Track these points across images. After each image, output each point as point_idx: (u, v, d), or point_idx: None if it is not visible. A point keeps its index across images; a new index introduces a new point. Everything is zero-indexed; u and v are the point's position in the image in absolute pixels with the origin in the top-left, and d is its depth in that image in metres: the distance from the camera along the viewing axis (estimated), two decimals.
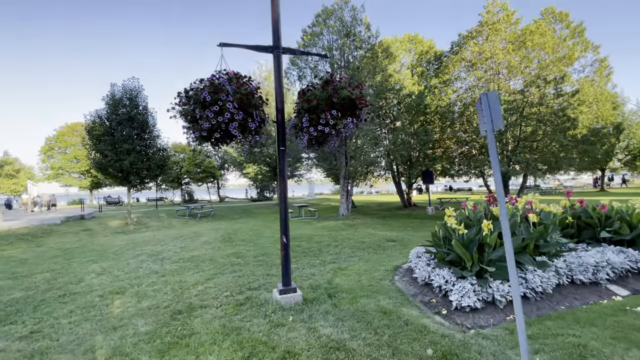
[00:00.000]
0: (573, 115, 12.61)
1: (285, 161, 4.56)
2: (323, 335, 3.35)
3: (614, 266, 4.57)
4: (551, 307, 3.91)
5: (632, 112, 30.03)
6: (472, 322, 3.65)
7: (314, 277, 5.71)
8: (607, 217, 5.49)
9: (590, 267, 4.47)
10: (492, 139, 2.59)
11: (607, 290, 4.37)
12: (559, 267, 4.38)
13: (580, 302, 4.07)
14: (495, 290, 3.90)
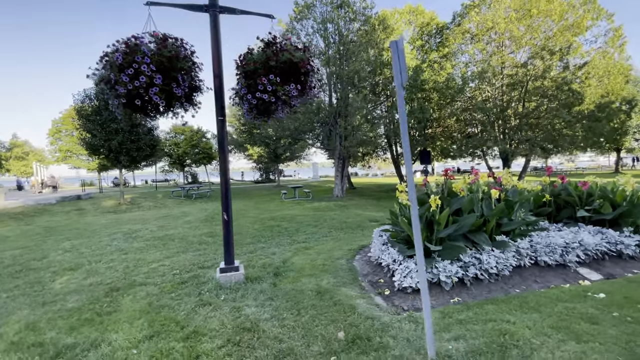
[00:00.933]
0: (579, 90, 11.70)
1: (225, 132, 4.24)
2: (242, 316, 3.13)
3: (587, 248, 4.16)
4: (504, 290, 3.57)
5: None
6: (411, 304, 3.36)
7: (273, 256, 5.50)
8: (589, 195, 5.01)
9: (558, 248, 4.07)
10: (401, 96, 2.20)
11: (576, 273, 3.98)
12: (521, 247, 4.00)
13: (541, 285, 3.71)
14: (442, 271, 3.57)
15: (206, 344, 2.61)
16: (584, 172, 33.26)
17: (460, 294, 3.51)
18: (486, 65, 13.04)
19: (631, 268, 4.11)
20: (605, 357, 2.07)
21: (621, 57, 13.53)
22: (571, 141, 12.12)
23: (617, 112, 12.11)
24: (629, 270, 4.04)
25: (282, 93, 3.90)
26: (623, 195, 4.64)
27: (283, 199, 16.64)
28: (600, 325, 2.49)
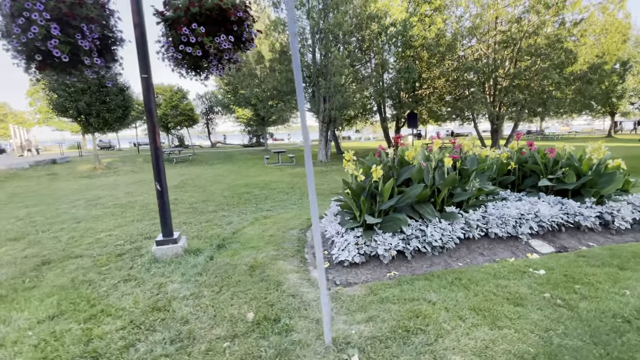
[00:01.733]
0: (573, 48, 10.98)
1: (152, 93, 3.78)
2: (161, 293, 2.95)
3: (542, 219, 3.97)
4: (446, 264, 3.41)
5: None
6: (345, 278, 3.20)
7: (228, 226, 5.30)
8: (555, 163, 4.73)
9: (511, 220, 3.88)
10: (295, 42, 1.79)
11: (527, 246, 3.82)
12: (471, 219, 3.80)
13: (486, 258, 3.55)
14: (381, 244, 3.38)
15: (106, 326, 2.44)
16: (575, 136, 32.96)
17: (399, 268, 3.35)
18: (479, 20, 12.09)
19: (588, 240, 3.96)
20: (514, 347, 1.91)
21: (619, 14, 12.59)
22: (558, 104, 11.63)
23: (609, 74, 11.50)
24: (584, 243, 3.89)
25: (210, 46, 3.40)
26: (589, 164, 4.37)
27: (266, 164, 16.30)
28: (525, 308, 2.33)
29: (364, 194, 3.55)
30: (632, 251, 3.38)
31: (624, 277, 2.79)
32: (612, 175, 4.21)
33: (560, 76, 10.84)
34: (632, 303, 2.32)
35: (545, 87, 11.15)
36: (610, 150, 4.85)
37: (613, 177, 4.18)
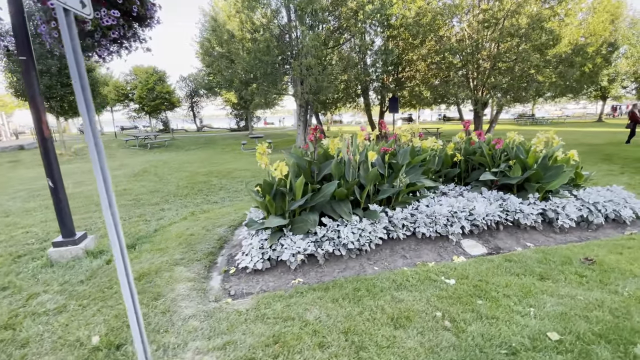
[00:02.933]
0: (557, 29, 10.41)
1: (33, 77, 3.31)
2: (27, 305, 2.61)
3: (476, 218, 3.64)
4: (360, 269, 3.09)
5: None
6: (243, 287, 2.87)
7: (156, 221, 4.93)
8: (503, 155, 4.38)
9: (441, 218, 3.55)
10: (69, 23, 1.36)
11: (458, 247, 3.51)
12: (395, 218, 3.46)
13: (407, 262, 3.24)
14: (288, 248, 3.04)
15: None
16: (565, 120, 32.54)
17: (307, 274, 3.03)
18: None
19: (527, 240, 3.65)
20: None
21: None
22: (538, 88, 11.15)
23: (593, 56, 10.99)
24: (522, 244, 3.58)
25: (88, 22, 2.93)
26: (535, 156, 4.01)
27: (242, 150, 15.82)
28: (405, 332, 2.02)
29: (272, 192, 3.18)
30: (565, 255, 3.08)
31: (540, 289, 2.48)
32: (558, 169, 3.87)
33: (541, 58, 10.33)
34: (531, 327, 2.02)
35: (525, 70, 10.63)
36: (592, 135, 4.50)
37: (559, 171, 3.84)
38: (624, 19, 26.24)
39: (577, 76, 10.74)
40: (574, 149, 4.44)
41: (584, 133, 18.65)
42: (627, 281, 2.52)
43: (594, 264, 2.85)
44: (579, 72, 10.63)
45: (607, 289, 2.43)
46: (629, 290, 2.38)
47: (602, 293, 2.38)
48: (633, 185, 6.40)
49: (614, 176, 7.36)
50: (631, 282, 2.51)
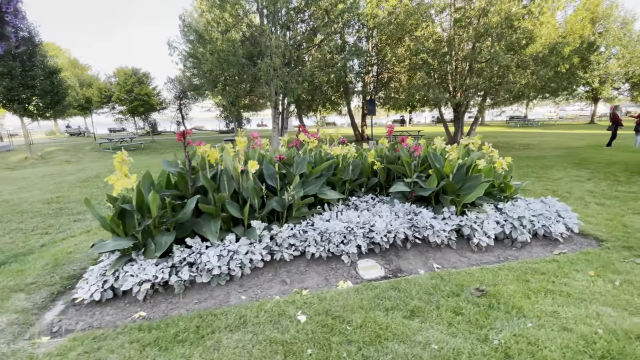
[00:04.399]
0: (531, 27, 9.98)
1: None
2: None
3: (376, 235, 3.20)
4: (225, 298, 2.64)
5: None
6: (74, 322, 2.45)
7: (58, 234, 4.51)
8: (422, 163, 3.94)
9: (335, 236, 3.11)
10: None
11: (352, 269, 3.06)
12: (280, 236, 3.03)
13: (285, 288, 2.80)
14: (135, 275, 2.61)
15: None
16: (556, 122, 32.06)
17: (157, 306, 2.59)
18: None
19: (436, 260, 3.22)
20: None
21: None
22: (508, 89, 10.70)
23: (571, 56, 10.54)
24: (429, 265, 3.14)
25: None
26: (451, 165, 3.57)
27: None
28: None
29: (130, 207, 2.75)
30: (459, 283, 2.64)
31: (395, 332, 2.05)
32: (476, 179, 3.43)
33: (514, 58, 9.89)
34: None
35: (495, 70, 10.18)
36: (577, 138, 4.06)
37: (477, 182, 3.40)
38: (615, 19, 25.89)
39: (551, 76, 10.28)
40: (553, 152, 4.04)
41: (569, 135, 18.21)
42: (508, 324, 2.08)
43: (484, 296, 2.41)
44: (553, 71, 10.19)
45: (477, 333, 1.99)
46: (503, 337, 1.94)
47: (467, 340, 1.94)
48: (594, 193, 5.97)
49: (579, 182, 6.92)
50: (511, 325, 2.06)
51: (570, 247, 3.48)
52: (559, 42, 10.33)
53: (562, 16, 11.82)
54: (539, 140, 15.46)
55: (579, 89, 29.38)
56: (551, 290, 2.45)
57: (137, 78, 22.40)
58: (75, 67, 31.09)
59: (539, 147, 12.85)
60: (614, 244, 3.43)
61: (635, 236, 3.62)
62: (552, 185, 6.80)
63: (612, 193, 5.95)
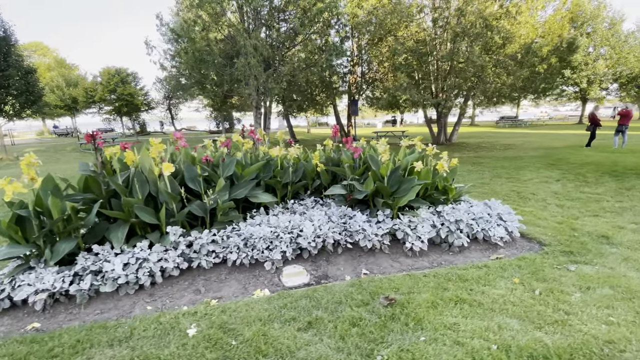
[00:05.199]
0: (509, 27, 9.91)
1: None
2: None
3: (303, 240, 3.08)
4: (129, 309, 2.50)
5: (629, 33, 25.70)
6: None
7: None
8: (363, 165, 3.82)
9: (260, 241, 2.98)
10: None
11: (276, 276, 2.94)
12: (198, 243, 2.89)
13: (198, 298, 2.67)
14: (32, 284, 2.47)
15: None
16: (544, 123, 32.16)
17: (56, 317, 2.45)
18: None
19: (368, 266, 3.09)
20: None
21: None
22: (484, 90, 10.63)
23: (548, 56, 10.47)
24: (358, 271, 3.01)
25: None
26: (387, 168, 3.44)
27: None
28: None
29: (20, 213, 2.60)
30: (374, 291, 2.52)
31: (283, 346, 1.92)
32: (410, 182, 3.31)
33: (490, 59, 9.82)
34: None
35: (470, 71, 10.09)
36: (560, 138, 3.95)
37: (411, 184, 3.29)
38: (603, 20, 26.00)
39: (527, 76, 10.22)
40: (531, 152, 3.91)
41: (553, 136, 18.20)
42: (401, 337, 1.95)
43: (391, 306, 2.29)
44: (528, 71, 10.12)
45: (364, 348, 1.87)
46: (388, 353, 1.82)
47: (350, 356, 1.82)
48: (559, 195, 5.90)
49: (548, 183, 6.84)
50: (404, 338, 1.93)
51: (511, 252, 3.38)
52: (535, 42, 10.26)
53: (542, 16, 11.76)
54: (522, 140, 15.41)
55: (568, 89, 29.54)
56: (463, 300, 2.33)
57: (120, 78, 22.16)
58: (62, 67, 30.76)
59: (520, 147, 12.80)
60: (555, 249, 3.33)
61: (579, 240, 3.53)
62: (520, 186, 6.72)
63: (577, 194, 5.87)
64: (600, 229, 3.89)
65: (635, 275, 2.67)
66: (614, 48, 25.64)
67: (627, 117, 10.63)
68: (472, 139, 17.93)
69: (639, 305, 2.23)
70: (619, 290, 2.42)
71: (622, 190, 6.02)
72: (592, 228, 3.93)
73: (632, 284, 2.52)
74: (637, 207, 4.98)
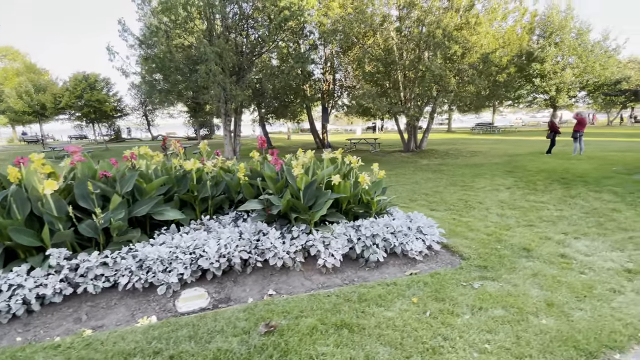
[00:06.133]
0: (468, 37, 10.11)
1: None
2: None
3: (203, 261, 2.91)
4: None
5: (595, 43, 26.83)
6: None
7: None
8: (283, 178, 3.70)
9: (156, 263, 2.80)
10: None
11: (173, 299, 2.76)
12: (83, 266, 2.69)
13: (77, 327, 2.46)
14: None
15: None
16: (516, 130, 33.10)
17: None
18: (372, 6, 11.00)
19: (277, 285, 2.96)
20: None
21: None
22: (447, 98, 10.81)
23: (508, 65, 10.75)
24: (265, 292, 2.86)
25: None
26: (301, 181, 3.33)
27: None
28: None
29: None
30: (261, 316, 2.38)
31: None
32: (325, 196, 3.21)
33: (451, 68, 9.98)
34: None
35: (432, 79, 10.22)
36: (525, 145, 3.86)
37: (324, 199, 3.19)
38: (570, 30, 27.08)
39: (485, 85, 10.45)
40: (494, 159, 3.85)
41: (521, 142, 18.66)
42: None
43: (269, 334, 2.16)
44: (487, 80, 10.35)
45: None
46: None
47: None
48: (504, 203, 5.95)
49: (497, 192, 6.91)
50: None
51: (429, 266, 3.31)
52: (492, 53, 10.50)
53: (504, 27, 12.08)
54: (490, 147, 15.71)
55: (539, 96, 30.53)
56: (347, 324, 2.22)
57: (88, 84, 21.51)
58: (32, 72, 29.70)
59: (486, 154, 13.02)
60: (472, 263, 3.29)
61: (499, 253, 3.49)
62: (471, 194, 6.75)
63: (521, 203, 5.93)
64: (526, 240, 3.89)
65: (535, 294, 2.62)
66: (581, 57, 26.68)
67: (581, 124, 10.95)
68: (443, 145, 18.18)
69: (524, 329, 2.17)
70: (510, 312, 2.36)
71: (567, 198, 6.12)
72: (518, 240, 3.92)
73: (527, 303, 2.47)
74: (575, 215, 5.04)
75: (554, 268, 3.09)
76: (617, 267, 3.08)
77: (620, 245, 3.72)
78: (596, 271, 3.00)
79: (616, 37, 42.01)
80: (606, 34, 27.45)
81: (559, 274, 2.95)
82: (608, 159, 10.35)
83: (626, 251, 3.53)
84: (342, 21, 11.83)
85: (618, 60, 27.99)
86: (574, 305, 2.41)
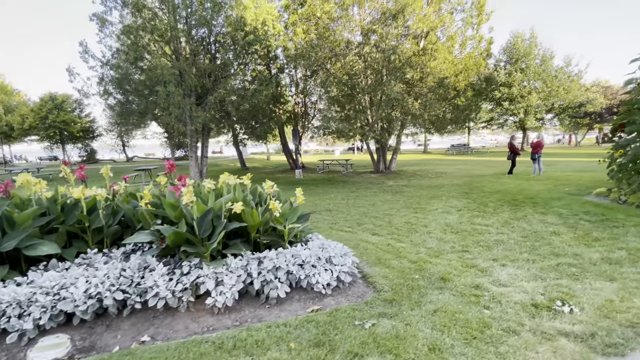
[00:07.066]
0: (425, 62, 10.39)
1: None
2: None
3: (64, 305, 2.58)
4: None
5: (559, 69, 28.42)
6: None
7: None
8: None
9: (14, 308, 2.45)
10: None
11: (21, 352, 2.41)
12: None
13: None
14: None
15: None
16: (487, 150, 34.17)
17: None
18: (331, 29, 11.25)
19: (157, 329, 2.66)
20: None
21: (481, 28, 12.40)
22: (403, 121, 10.98)
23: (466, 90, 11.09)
24: (139, 338, 2.54)
25: None
26: (200, 209, 3.09)
27: (133, 183, 14.36)
28: None
29: None
30: None
31: None
32: (226, 226, 2.97)
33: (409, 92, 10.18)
34: None
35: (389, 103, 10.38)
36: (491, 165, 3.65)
37: (221, 228, 2.95)
38: (535, 57, 28.66)
39: (442, 109, 10.70)
40: (455, 180, 3.67)
41: (488, 163, 19.08)
42: None
43: None
44: (446, 104, 10.61)
45: None
46: None
47: None
48: (448, 227, 5.85)
49: (447, 214, 6.81)
50: None
51: (336, 300, 3.07)
52: (447, 76, 10.80)
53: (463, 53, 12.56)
54: (456, 168, 15.93)
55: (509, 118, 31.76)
56: None
57: (54, 104, 20.99)
58: (4, 93, 28.91)
59: (450, 175, 13.14)
60: (381, 296, 3.07)
61: (413, 285, 3.30)
62: (420, 217, 6.63)
63: (466, 226, 5.82)
64: (448, 269, 3.72)
65: (424, 335, 2.40)
66: (546, 82, 28.10)
67: (539, 146, 11.25)
68: (414, 167, 18.36)
69: None
70: (388, 358, 2.13)
71: (512, 221, 6.06)
72: (441, 268, 3.75)
73: (409, 348, 2.24)
74: (512, 240, 4.94)
75: (461, 302, 2.90)
76: (526, 301, 2.91)
77: (543, 273, 3.59)
78: (502, 305, 2.83)
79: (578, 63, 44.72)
80: (569, 60, 29.18)
81: (462, 309, 2.75)
82: (564, 179, 10.57)
83: (547, 280, 3.40)
84: (306, 46, 12.03)
85: (580, 85, 29.61)
86: (458, 350, 2.20)
